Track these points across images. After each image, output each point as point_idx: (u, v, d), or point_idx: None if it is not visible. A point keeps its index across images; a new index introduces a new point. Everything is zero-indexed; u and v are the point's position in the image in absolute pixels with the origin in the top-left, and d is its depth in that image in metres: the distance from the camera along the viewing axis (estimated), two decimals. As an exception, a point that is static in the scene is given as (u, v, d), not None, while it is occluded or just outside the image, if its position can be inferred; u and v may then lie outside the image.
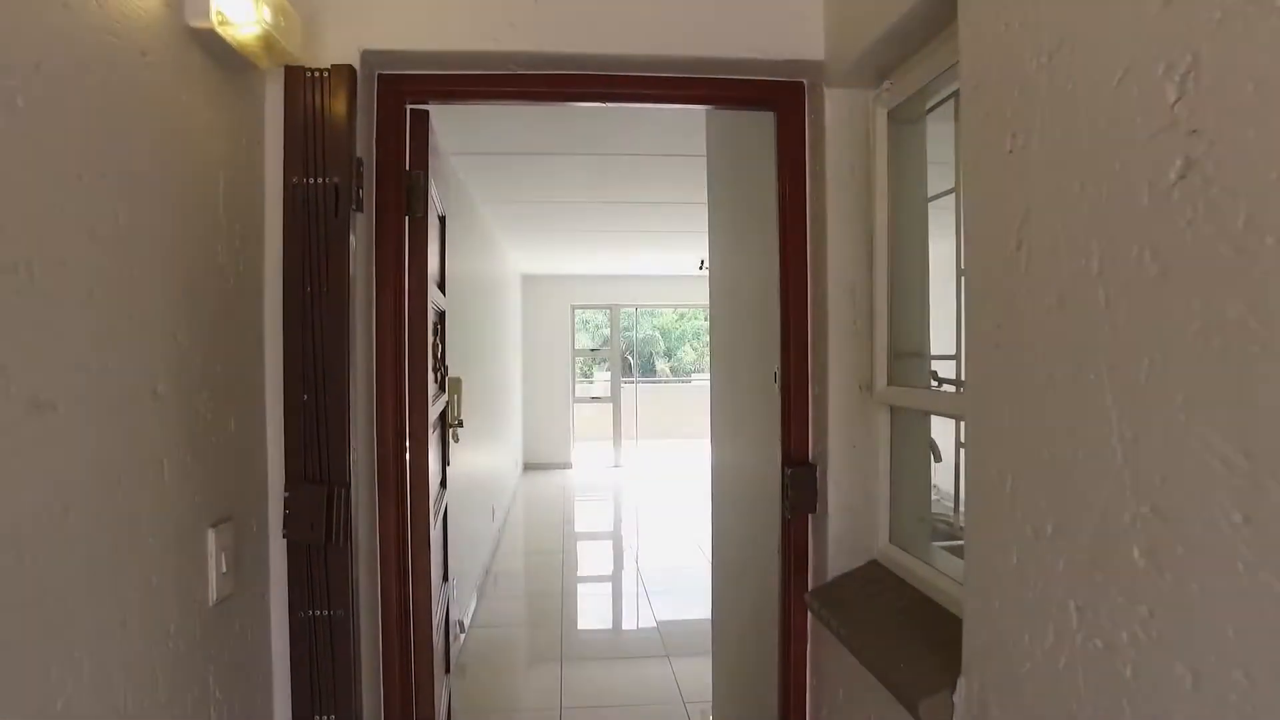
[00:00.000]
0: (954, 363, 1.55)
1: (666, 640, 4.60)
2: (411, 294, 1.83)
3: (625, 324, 12.02)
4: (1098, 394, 0.84)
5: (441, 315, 2.51)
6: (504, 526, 7.12)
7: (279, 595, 1.54)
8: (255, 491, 1.50)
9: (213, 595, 1.29)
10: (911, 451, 1.73)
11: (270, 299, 1.56)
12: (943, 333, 1.72)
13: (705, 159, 3.47)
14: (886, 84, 1.65)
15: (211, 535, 1.30)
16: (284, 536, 1.52)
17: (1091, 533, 0.85)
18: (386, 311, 1.74)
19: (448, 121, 3.50)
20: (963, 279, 1.14)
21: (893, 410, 1.72)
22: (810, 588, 1.82)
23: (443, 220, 2.52)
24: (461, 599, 4.28)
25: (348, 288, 1.54)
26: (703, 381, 15.08)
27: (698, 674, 4.00)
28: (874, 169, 1.71)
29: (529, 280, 10.41)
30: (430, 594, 1.81)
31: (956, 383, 1.53)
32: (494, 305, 6.80)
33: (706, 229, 3.35)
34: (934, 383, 1.57)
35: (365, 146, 1.68)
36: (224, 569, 1.33)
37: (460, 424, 2.78)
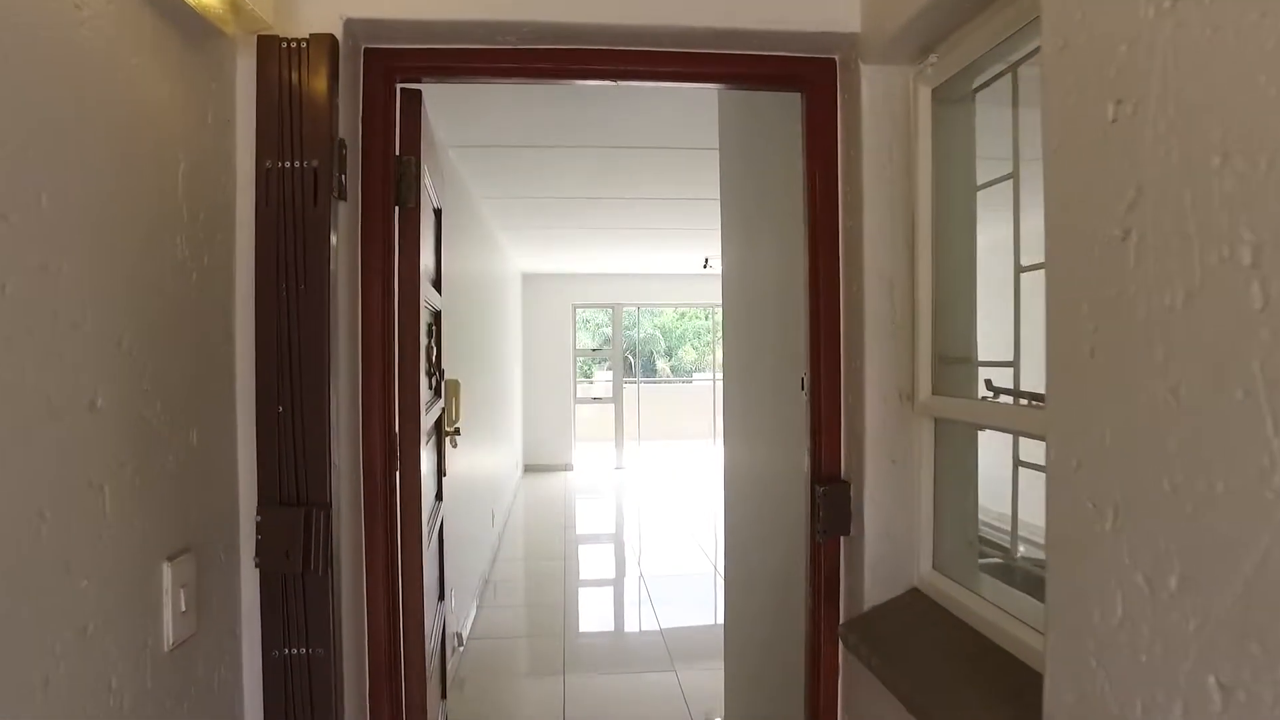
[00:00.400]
0: (1010, 370, 1.38)
1: (671, 648, 4.46)
2: (402, 292, 1.67)
3: (627, 323, 11.85)
4: (1250, 415, 0.67)
5: (437, 315, 2.34)
6: (504, 531, 6.95)
7: (251, 632, 1.37)
8: (223, 516, 1.33)
9: (169, 639, 1.12)
10: (956, 468, 1.56)
11: (241, 298, 1.38)
12: (990, 336, 1.55)
13: (713, 150, 3.31)
14: (932, 58, 1.48)
15: (167, 570, 1.12)
16: (255, 566, 1.35)
17: (1240, 592, 0.68)
18: (374, 312, 1.56)
19: (444, 112, 3.34)
20: (1046, 274, 0.97)
21: (935, 422, 1.55)
22: (843, 619, 1.65)
23: (438, 213, 2.35)
24: (460, 610, 4.12)
25: (328, 285, 1.37)
26: (704, 381, 14.94)
27: (704, 684, 3.87)
28: (916, 154, 1.54)
29: (529, 279, 10.24)
30: (423, 625, 1.64)
31: (1015, 393, 1.36)
32: (494, 304, 6.63)
33: (711, 226, 3.19)
34: (988, 392, 1.40)
35: (350, 128, 1.51)
36: (183, 607, 1.15)
37: (457, 432, 2.60)
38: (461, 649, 4.13)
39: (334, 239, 1.39)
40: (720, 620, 5.02)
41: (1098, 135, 0.86)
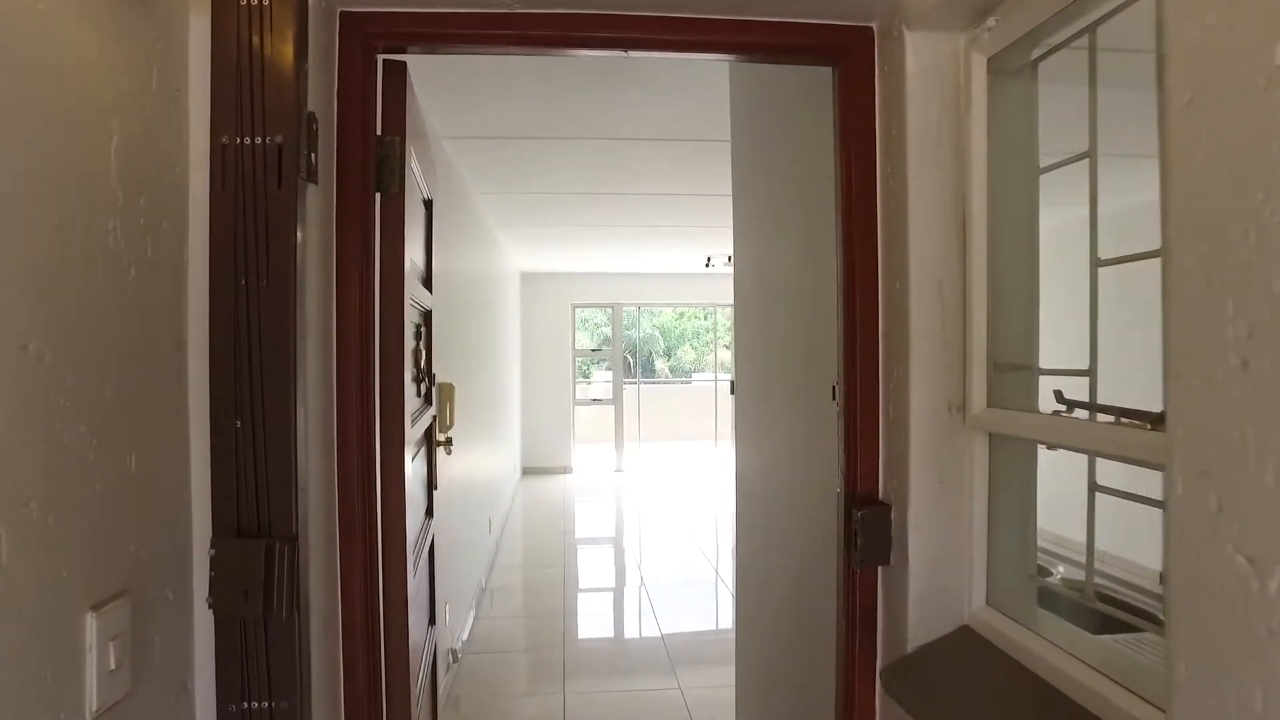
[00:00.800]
0: (1085, 380, 1.19)
1: (674, 657, 4.31)
2: (384, 289, 1.48)
3: (626, 323, 11.66)
4: None
5: (427, 316, 2.15)
6: (501, 538, 6.77)
7: (205, 684, 1.18)
8: (171, 551, 1.14)
9: (92, 705, 0.93)
10: (1013, 490, 1.38)
11: (195, 295, 1.19)
12: (1054, 340, 1.37)
13: (720, 142, 3.12)
14: (990, 22, 1.29)
15: (92, 621, 0.93)
16: (209, 607, 1.16)
17: None
18: (350, 311, 1.38)
19: (438, 100, 3.15)
20: (1166, 266, 0.78)
21: (990, 438, 1.37)
22: (882, 658, 1.46)
23: (428, 205, 2.16)
24: (454, 623, 3.93)
25: (294, 279, 1.18)
26: (704, 382, 14.75)
27: (708, 695, 3.74)
28: (969, 133, 1.35)
29: (527, 278, 10.05)
30: (408, 668, 1.45)
31: (1091, 406, 1.17)
32: (491, 304, 6.44)
33: (714, 223, 3.03)
34: (1060, 406, 1.21)
35: (322, 102, 1.32)
36: (113, 664, 0.96)
37: (449, 442, 2.41)
38: (456, 665, 3.94)
39: (302, 226, 1.20)
40: (721, 625, 4.92)
41: (1256, 84, 0.67)
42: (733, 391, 3.02)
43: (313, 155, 1.23)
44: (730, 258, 7.71)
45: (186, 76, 1.19)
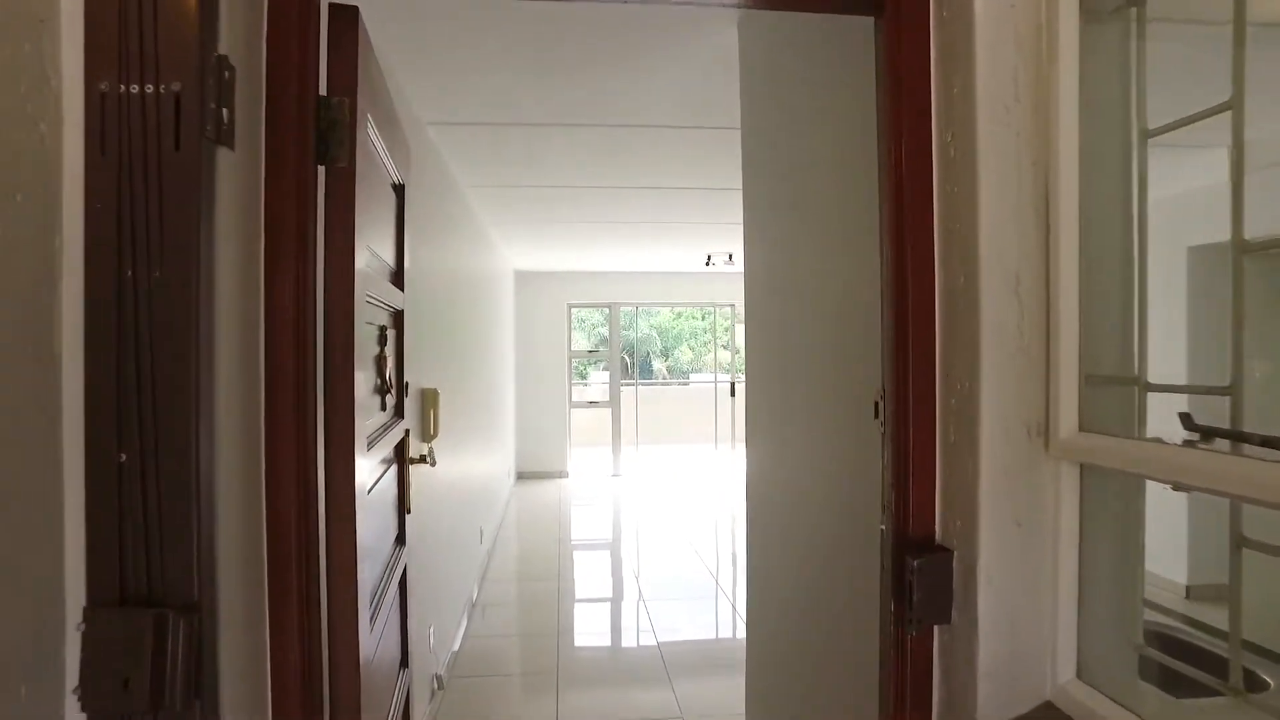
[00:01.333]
0: (1222, 399, 0.92)
1: (674, 676, 4.10)
2: (331, 284, 1.20)
3: (624, 324, 11.38)
4: None
5: (398, 317, 1.88)
6: (494, 548, 6.49)
7: (76, 799, 0.91)
8: (27, 629, 0.87)
9: None
10: (1112, 535, 1.11)
11: (72, 292, 0.92)
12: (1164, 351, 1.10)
13: (722, 129, 2.86)
14: (1087, -55, 1.03)
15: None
16: (78, 704, 0.88)
17: None
18: (283, 312, 1.10)
19: (423, 83, 2.89)
20: None
21: (1081, 469, 1.10)
22: (942, 740, 1.19)
23: (399, 190, 1.88)
24: (439, 647, 3.65)
25: (197, 269, 0.91)
26: (702, 383, 14.47)
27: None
28: (1055, 90, 1.08)
29: (522, 277, 9.79)
30: (355, 751, 1.17)
31: (1234, 435, 0.90)
32: (484, 303, 6.17)
33: (715, 220, 2.78)
34: (1189, 432, 0.95)
35: (245, 48, 1.05)
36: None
37: (422, 458, 2.14)
38: (441, 692, 3.67)
39: (210, 201, 0.93)
40: (722, 636, 4.69)
41: None
42: (732, 393, 2.77)
43: (224, 111, 0.96)
44: (731, 256, 7.40)
45: (56, 4, 0.91)
